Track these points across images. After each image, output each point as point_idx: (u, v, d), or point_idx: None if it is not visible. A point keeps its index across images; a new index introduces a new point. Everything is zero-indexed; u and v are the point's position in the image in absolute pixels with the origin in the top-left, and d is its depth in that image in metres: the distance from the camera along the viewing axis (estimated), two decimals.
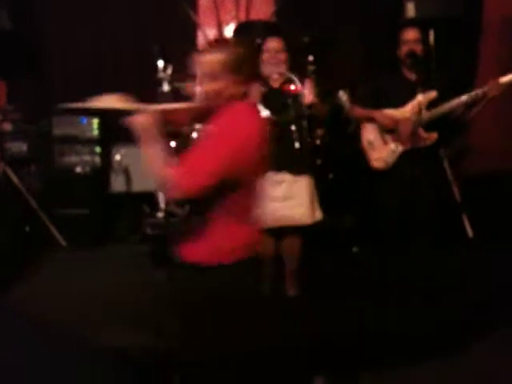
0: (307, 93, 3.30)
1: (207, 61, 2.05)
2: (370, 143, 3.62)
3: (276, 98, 3.38)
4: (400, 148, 3.53)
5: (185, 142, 3.34)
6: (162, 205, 4.51)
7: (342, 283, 3.89)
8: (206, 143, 1.97)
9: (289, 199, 3.42)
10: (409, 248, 3.57)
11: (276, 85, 3.44)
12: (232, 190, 1.99)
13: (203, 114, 2.14)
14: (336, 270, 4.11)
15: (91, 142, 5.00)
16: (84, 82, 5.45)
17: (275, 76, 3.41)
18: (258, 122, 2.15)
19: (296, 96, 3.32)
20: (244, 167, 1.99)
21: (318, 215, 3.55)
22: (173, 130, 2.29)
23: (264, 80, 3.43)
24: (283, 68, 3.41)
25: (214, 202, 2.00)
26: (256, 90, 3.30)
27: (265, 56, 3.44)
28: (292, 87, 3.33)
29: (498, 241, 4.34)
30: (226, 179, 1.93)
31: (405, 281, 3.43)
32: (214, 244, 2.04)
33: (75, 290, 3.87)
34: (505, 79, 3.28)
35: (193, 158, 1.92)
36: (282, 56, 3.43)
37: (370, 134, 3.62)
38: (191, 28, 5.39)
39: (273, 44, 3.44)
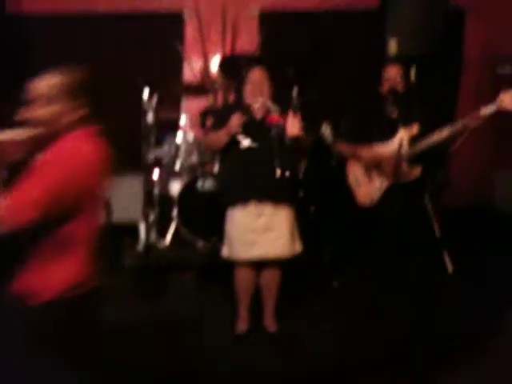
0: (291, 125, 3.30)
1: (43, 84, 2.02)
2: (357, 180, 3.65)
3: (258, 128, 3.38)
4: (385, 184, 3.56)
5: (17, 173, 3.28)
6: (143, 236, 4.47)
7: (322, 318, 3.86)
8: (35, 173, 1.90)
9: (269, 231, 3.41)
10: (390, 283, 3.58)
11: (259, 115, 3.45)
12: (63, 221, 1.92)
13: (42, 143, 2.05)
14: (316, 304, 4.08)
15: None
16: None
17: (257, 105, 3.42)
18: (94, 150, 2.07)
19: (278, 126, 3.33)
20: (75, 198, 1.93)
21: (298, 247, 3.55)
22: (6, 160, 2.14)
23: (246, 110, 3.44)
24: (265, 98, 3.42)
25: (44, 234, 1.93)
26: (236, 119, 3.32)
27: (247, 86, 3.45)
28: (274, 118, 3.35)
29: (478, 276, 4.36)
30: (55, 210, 1.86)
31: (384, 316, 3.42)
32: (44, 277, 1.96)
33: None
34: (484, 111, 3.32)
35: (19, 189, 1.86)
36: (265, 86, 3.44)
37: (356, 170, 3.65)
38: (177, 59, 5.43)
39: (255, 74, 3.45)
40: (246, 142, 3.38)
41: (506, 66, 5.10)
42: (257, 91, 3.41)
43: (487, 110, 3.31)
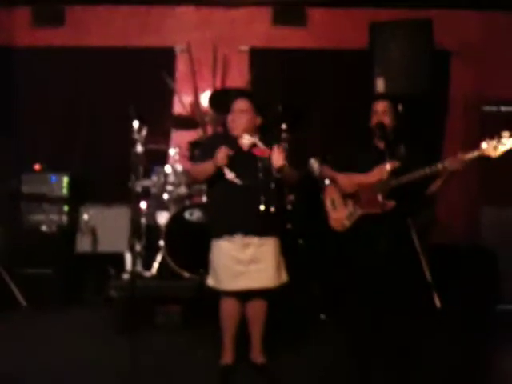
0: (275, 157, 3.33)
1: None
2: (333, 203, 3.70)
3: (244, 161, 3.39)
4: (359, 211, 3.59)
5: None
6: (129, 266, 4.41)
7: (309, 351, 3.82)
8: None
9: (255, 263, 3.40)
10: (376, 317, 3.54)
11: (245, 148, 3.46)
12: None
13: None
14: (303, 337, 4.04)
15: (60, 200, 4.96)
16: (56, 139, 5.46)
17: (245, 141, 3.43)
18: None
19: (264, 159, 3.35)
20: None
21: (284, 278, 3.53)
22: None
23: (232, 142, 3.46)
24: (252, 128, 3.45)
25: None
26: (223, 152, 3.33)
27: (231, 116, 3.50)
28: (260, 151, 3.36)
29: (466, 311, 4.36)
30: None
31: (371, 349, 3.38)
32: None
33: (33, 353, 3.72)
34: (465, 156, 3.37)
35: None
36: (248, 115, 3.46)
37: (333, 193, 3.70)
38: (168, 93, 5.48)
39: (239, 104, 3.49)
40: (230, 176, 3.38)
41: (492, 106, 5.22)
42: (240, 120, 3.44)
43: (468, 156, 3.37)
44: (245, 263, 3.38)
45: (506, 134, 3.28)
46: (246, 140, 3.40)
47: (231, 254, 3.39)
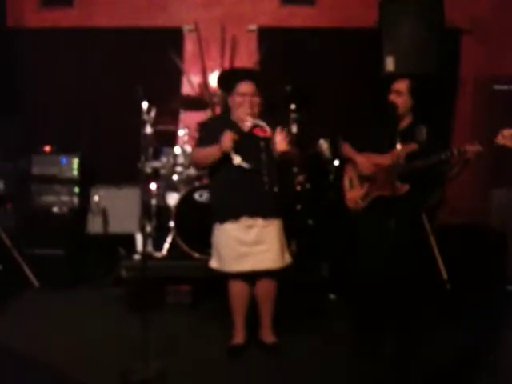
0: (278, 142, 3.31)
1: None
2: (350, 182, 3.70)
3: (248, 143, 3.37)
4: (374, 193, 3.59)
5: None
6: (139, 247, 4.45)
7: (319, 331, 3.85)
8: None
9: (259, 244, 3.42)
10: (386, 297, 3.56)
11: (246, 129, 3.44)
12: None
13: None
14: (313, 317, 4.07)
15: (70, 182, 4.97)
16: (66, 121, 5.47)
17: (247, 118, 3.43)
18: None
19: (267, 140, 3.35)
20: None
21: (287, 259, 3.56)
22: None
23: (234, 125, 3.44)
24: (255, 111, 3.44)
25: None
26: (229, 137, 3.32)
27: (237, 99, 3.47)
28: (262, 131, 3.35)
29: (475, 292, 4.37)
30: None
31: (381, 330, 3.40)
32: None
33: (46, 333, 3.78)
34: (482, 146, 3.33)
35: None
36: (254, 99, 3.45)
37: (351, 173, 3.70)
38: (177, 73, 5.47)
39: (245, 87, 3.46)
40: (237, 160, 3.36)
41: (503, 85, 5.16)
42: (245, 103, 3.43)
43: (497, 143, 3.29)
44: (249, 244, 3.41)
45: None
46: (249, 123, 3.40)
47: (235, 236, 3.42)
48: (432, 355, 3.44)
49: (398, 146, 3.46)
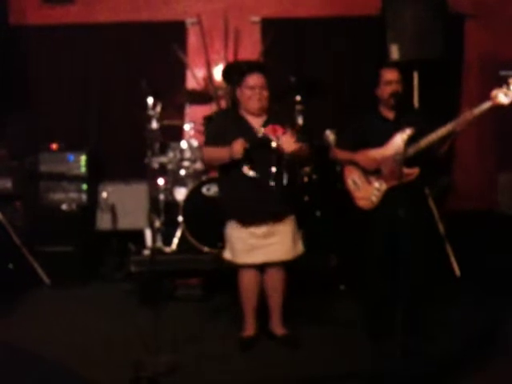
0: (286, 143, 3.28)
1: None
2: (355, 183, 3.66)
3: (259, 149, 3.32)
4: (384, 186, 3.57)
5: None
6: (149, 242, 4.47)
7: (329, 322, 3.86)
8: None
9: (270, 236, 3.42)
10: (396, 286, 3.57)
11: (254, 122, 3.42)
12: None
13: None
14: (323, 308, 4.09)
15: (78, 179, 5.00)
16: (72, 119, 5.49)
17: (257, 112, 3.42)
18: None
19: (277, 139, 3.30)
20: None
21: (299, 249, 3.57)
22: None
23: (242, 122, 3.43)
24: (264, 105, 3.43)
25: None
26: (239, 145, 3.28)
27: (245, 91, 3.44)
28: (272, 129, 3.32)
29: (485, 280, 4.37)
30: None
31: (392, 320, 3.41)
32: None
33: (58, 329, 3.81)
34: (476, 110, 3.37)
35: None
36: (263, 92, 3.43)
37: (353, 174, 3.66)
38: (181, 67, 5.46)
39: (254, 80, 3.43)
40: (246, 170, 3.33)
41: (509, 70, 5.13)
42: (255, 96, 3.40)
43: (480, 109, 3.37)
44: (260, 237, 3.42)
45: None
46: (258, 113, 3.39)
47: (246, 230, 3.43)
48: (443, 341, 3.44)
49: (398, 134, 3.47)
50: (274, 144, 3.29)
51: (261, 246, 3.42)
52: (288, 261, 3.49)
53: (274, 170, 3.30)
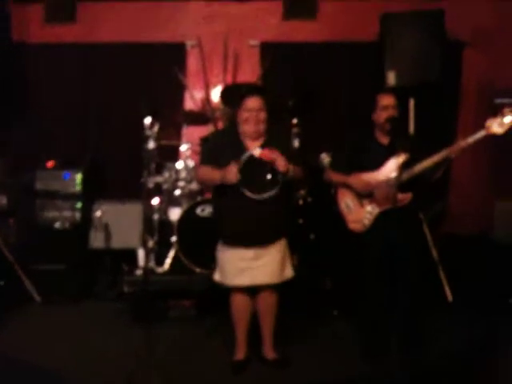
0: (279, 164, 3.29)
1: None
2: (347, 206, 3.67)
3: (255, 169, 3.34)
4: (377, 209, 3.58)
5: None
6: (141, 262, 4.45)
7: (322, 347, 3.83)
8: None
9: (258, 259, 3.41)
10: (389, 311, 3.55)
11: (251, 145, 3.43)
12: None
13: None
14: (317, 332, 4.05)
15: (73, 197, 5.00)
16: (70, 137, 5.50)
17: (254, 135, 3.43)
18: None
19: (272, 163, 3.32)
20: None
21: (288, 274, 3.54)
22: None
23: (238, 143, 3.43)
24: (261, 127, 3.43)
25: None
26: (233, 171, 3.27)
27: (244, 114, 3.44)
28: (267, 153, 3.32)
29: (477, 305, 4.35)
30: None
31: (386, 344, 3.38)
32: None
33: (47, 347, 3.77)
34: (470, 139, 3.41)
35: None
36: (261, 115, 3.43)
37: (346, 197, 3.67)
38: (179, 88, 5.50)
39: (253, 103, 3.43)
40: (247, 193, 3.31)
41: (504, 98, 5.16)
42: (252, 119, 3.41)
43: (475, 136, 3.40)
44: (248, 260, 3.40)
45: (507, 109, 3.36)
46: (255, 136, 3.39)
47: (235, 252, 3.42)
48: (433, 368, 3.40)
49: (393, 159, 3.49)
50: (258, 153, 3.32)
51: (249, 268, 3.40)
52: (275, 284, 3.46)
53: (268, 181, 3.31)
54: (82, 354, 3.68)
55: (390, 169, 3.50)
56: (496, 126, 3.36)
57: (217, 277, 3.58)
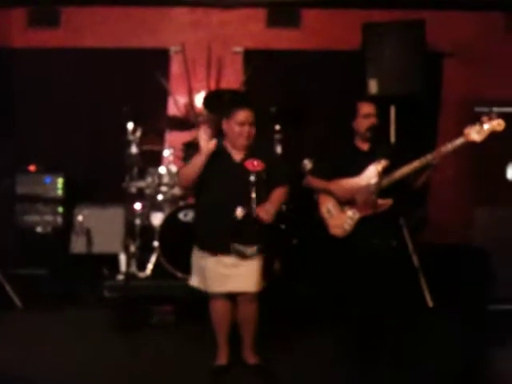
0: (264, 216, 3.32)
1: None
2: (329, 211, 3.71)
3: (237, 172, 3.38)
4: (357, 214, 3.62)
5: None
6: (123, 267, 4.44)
7: (303, 351, 3.84)
8: None
9: (239, 266, 3.39)
10: (369, 315, 3.58)
11: (238, 158, 3.46)
12: None
13: None
14: (299, 338, 4.06)
15: (54, 201, 4.98)
16: (51, 141, 5.47)
17: (242, 148, 3.44)
18: None
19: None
20: None
21: (262, 282, 3.52)
22: None
23: (225, 154, 3.45)
24: (251, 142, 3.43)
25: None
26: (205, 135, 3.31)
27: (234, 127, 3.41)
28: (252, 164, 3.37)
29: (457, 311, 4.39)
30: None
31: (365, 348, 3.41)
32: None
33: (28, 353, 3.74)
34: (450, 146, 3.48)
35: None
36: (252, 129, 3.44)
37: (328, 202, 3.71)
38: (163, 94, 5.51)
39: (245, 116, 3.40)
40: (239, 211, 3.31)
41: (483, 107, 5.25)
42: (244, 133, 3.41)
43: (453, 145, 3.47)
44: (229, 267, 3.39)
45: (485, 118, 3.45)
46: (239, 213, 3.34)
47: (216, 258, 3.41)
48: (413, 375, 3.43)
49: (373, 165, 3.54)
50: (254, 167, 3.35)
51: (230, 274, 3.39)
52: (255, 292, 3.45)
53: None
54: (62, 360, 3.63)
55: (371, 175, 3.56)
56: (474, 134, 3.43)
57: (194, 282, 3.57)
